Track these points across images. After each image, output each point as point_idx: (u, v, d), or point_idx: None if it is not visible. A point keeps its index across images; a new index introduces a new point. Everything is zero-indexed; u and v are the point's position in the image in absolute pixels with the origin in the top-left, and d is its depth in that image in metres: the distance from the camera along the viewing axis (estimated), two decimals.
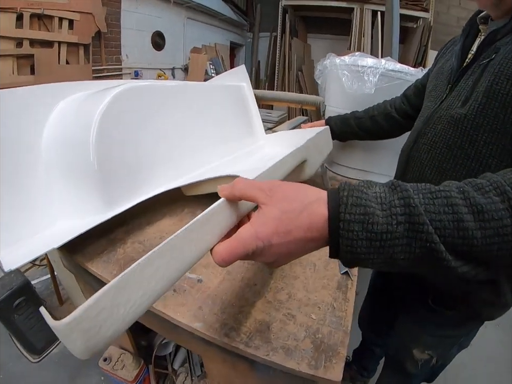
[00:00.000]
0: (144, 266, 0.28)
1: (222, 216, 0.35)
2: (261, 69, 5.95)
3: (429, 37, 4.10)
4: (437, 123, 0.61)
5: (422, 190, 0.30)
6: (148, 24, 3.61)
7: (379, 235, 0.28)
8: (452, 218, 0.28)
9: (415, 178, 0.65)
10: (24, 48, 2.23)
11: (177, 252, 0.31)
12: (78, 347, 0.24)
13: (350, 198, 0.30)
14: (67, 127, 0.69)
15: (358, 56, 1.04)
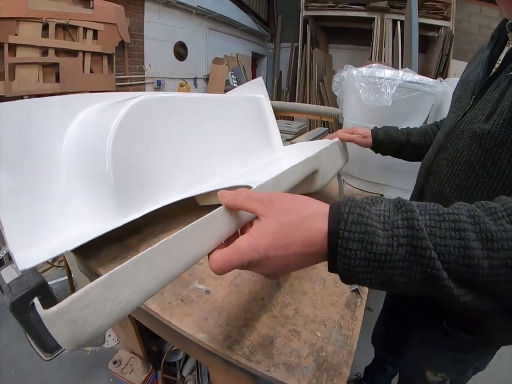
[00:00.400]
0: (136, 265, 0.28)
1: (220, 223, 0.35)
2: (283, 79, 5.99)
3: (450, 46, 4.02)
4: (459, 137, 0.57)
5: (430, 211, 0.28)
6: (170, 34, 3.71)
7: (378, 256, 0.27)
8: (458, 244, 0.26)
9: (434, 195, 0.62)
10: (49, 57, 2.32)
11: (171, 253, 0.31)
12: (63, 336, 0.25)
13: (351, 215, 0.29)
14: (85, 137, 0.72)
15: (375, 68, 1.03)
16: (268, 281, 0.64)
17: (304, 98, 5.13)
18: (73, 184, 0.72)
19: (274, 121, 1.17)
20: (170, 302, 0.58)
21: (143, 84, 3.42)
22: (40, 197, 0.67)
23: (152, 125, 0.75)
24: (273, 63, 6.10)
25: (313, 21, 5.03)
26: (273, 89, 5.97)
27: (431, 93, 0.95)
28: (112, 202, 0.69)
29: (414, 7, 2.92)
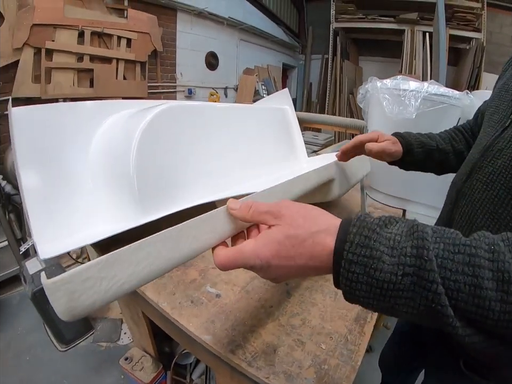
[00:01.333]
0: (136, 249, 0.30)
1: (224, 221, 0.37)
2: (313, 91, 5.99)
3: (482, 58, 3.88)
4: (497, 157, 0.49)
5: (445, 239, 0.26)
6: (202, 44, 3.82)
7: (381, 283, 0.26)
8: (470, 281, 0.24)
9: (464, 221, 0.55)
10: (84, 63, 2.44)
11: (171, 243, 0.32)
12: (61, 305, 0.27)
13: (358, 237, 0.27)
14: (112, 140, 0.76)
15: (400, 80, 1.01)
16: (278, 290, 0.64)
17: (333, 110, 5.10)
18: (99, 184, 0.75)
19: (299, 132, 1.18)
20: (180, 303, 0.59)
21: (175, 91, 3.53)
22: (67, 194, 0.71)
23: (176, 131, 0.78)
24: (303, 75, 6.13)
25: (344, 33, 5.02)
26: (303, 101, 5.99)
27: (457, 106, 0.93)
28: (134, 204, 0.72)
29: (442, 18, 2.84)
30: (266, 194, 0.44)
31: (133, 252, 0.29)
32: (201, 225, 0.35)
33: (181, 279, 0.65)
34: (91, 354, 1.55)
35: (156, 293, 0.61)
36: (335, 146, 1.71)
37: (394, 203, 1.13)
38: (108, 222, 0.74)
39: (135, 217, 0.71)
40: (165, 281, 0.64)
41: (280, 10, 5.40)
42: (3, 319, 1.69)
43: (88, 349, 1.58)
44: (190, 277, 0.66)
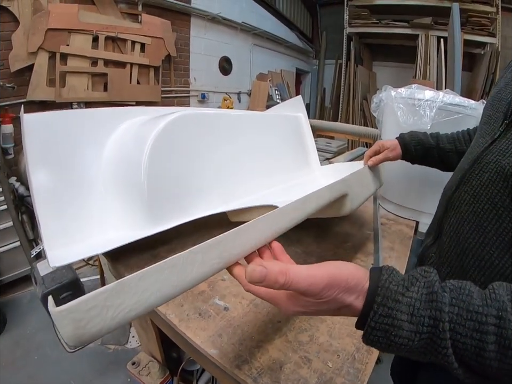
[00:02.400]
0: (143, 277, 0.30)
1: (232, 245, 0.36)
2: (326, 96, 5.96)
3: (497, 64, 3.79)
4: (484, 170, 0.49)
5: (460, 303, 0.29)
6: (215, 49, 3.85)
7: (398, 345, 0.30)
8: (476, 344, 0.27)
9: (452, 232, 0.55)
10: (98, 67, 2.47)
11: (177, 270, 0.32)
12: (67, 333, 0.27)
13: (381, 308, 0.30)
14: (125, 148, 0.76)
15: (414, 88, 1.00)
16: None
17: (347, 116, 5.07)
18: (111, 191, 0.76)
19: (312, 140, 1.17)
20: (188, 315, 0.59)
21: (188, 96, 3.56)
22: (78, 200, 0.72)
23: (189, 139, 0.78)
24: (317, 80, 6.11)
25: (357, 38, 5.00)
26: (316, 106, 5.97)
27: (473, 116, 0.90)
28: (144, 212, 0.72)
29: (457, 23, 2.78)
30: (278, 215, 0.43)
31: (139, 280, 0.30)
32: (208, 251, 0.35)
33: (189, 291, 0.64)
34: (99, 356, 1.57)
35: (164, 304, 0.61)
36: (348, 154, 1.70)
37: (407, 214, 1.11)
38: (119, 229, 0.74)
39: (145, 225, 0.72)
40: None
41: (294, 15, 5.41)
42: (13, 318, 1.72)
43: (96, 350, 1.60)
44: (199, 289, 0.66)
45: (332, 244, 0.87)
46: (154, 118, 0.80)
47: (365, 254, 0.85)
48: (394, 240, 0.95)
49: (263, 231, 0.40)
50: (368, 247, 0.89)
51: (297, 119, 1.15)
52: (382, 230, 1.00)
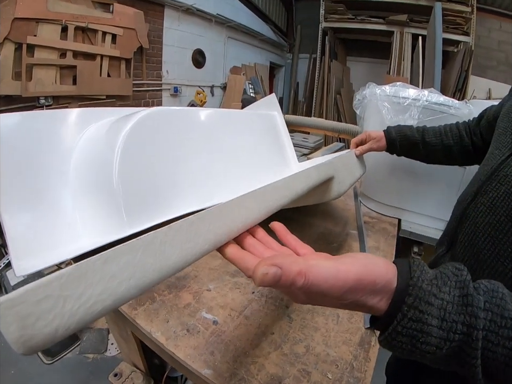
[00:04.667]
0: (109, 260, 0.24)
1: (218, 224, 0.31)
2: (300, 90, 5.98)
3: (470, 62, 3.96)
4: (502, 183, 0.49)
5: (494, 307, 0.26)
6: (189, 41, 3.74)
7: (423, 352, 0.26)
8: (507, 354, 0.25)
9: (466, 243, 0.55)
10: (67, 59, 2.33)
11: (152, 251, 0.26)
12: (12, 333, 0.20)
13: (412, 311, 0.26)
14: (94, 149, 0.72)
15: (399, 87, 0.99)
16: (278, 314, 0.60)
17: (320, 111, 5.11)
18: (81, 195, 0.71)
19: (288, 138, 1.15)
20: (175, 332, 0.55)
21: (160, 90, 3.45)
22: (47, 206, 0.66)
23: (161, 137, 0.74)
24: (290, 74, 6.12)
25: (332, 33, 5.04)
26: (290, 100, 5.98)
27: (456, 115, 0.91)
28: (118, 214, 0.67)
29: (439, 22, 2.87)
30: (266, 191, 0.39)
31: (105, 263, 0.23)
32: (192, 228, 0.29)
33: (174, 304, 0.61)
34: (78, 367, 1.50)
35: (148, 320, 0.57)
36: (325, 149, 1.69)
37: (390, 212, 1.12)
38: (92, 235, 0.69)
39: (120, 228, 0.67)
40: (156, 307, 0.60)
41: (269, 9, 5.36)
42: None
43: (74, 361, 1.52)
44: (184, 301, 0.62)
45: (317, 244, 0.85)
46: (123, 117, 0.75)
47: None
48: (379, 240, 0.95)
49: (252, 208, 0.35)
50: (353, 247, 0.89)
51: (272, 117, 1.14)
52: (366, 229, 1.00)
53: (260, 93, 4.59)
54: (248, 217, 0.35)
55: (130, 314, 0.58)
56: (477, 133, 0.77)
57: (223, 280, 0.69)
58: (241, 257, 0.31)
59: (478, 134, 0.77)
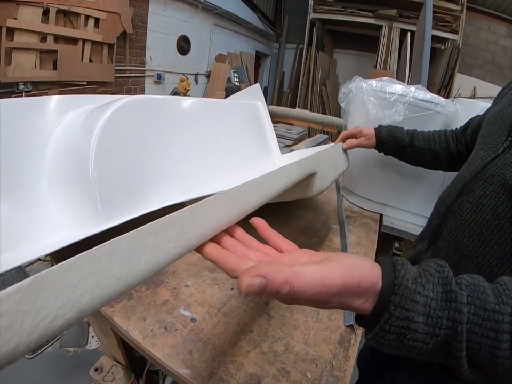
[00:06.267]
0: (71, 269, 0.22)
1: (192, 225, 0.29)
2: (285, 80, 5.94)
3: (457, 60, 4.02)
4: (488, 182, 0.51)
5: (477, 301, 0.27)
6: (174, 27, 3.64)
7: (410, 348, 0.27)
8: (491, 344, 0.26)
9: (451, 238, 0.56)
10: (48, 43, 2.24)
11: (120, 257, 0.24)
12: None
13: (398, 310, 0.27)
14: (71, 137, 0.69)
15: (386, 82, 0.99)
16: (258, 311, 0.60)
17: (305, 102, 5.09)
18: (57, 187, 0.68)
19: (272, 129, 1.13)
20: (153, 330, 0.54)
21: (143, 76, 3.36)
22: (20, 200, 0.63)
23: (140, 128, 0.71)
24: (276, 64, 6.05)
25: (320, 24, 4.99)
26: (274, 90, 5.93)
27: (442, 113, 0.92)
28: (95, 207, 0.65)
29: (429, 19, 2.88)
30: (244, 190, 0.37)
31: (66, 273, 0.21)
32: (162, 231, 0.27)
33: (151, 301, 0.59)
34: (59, 360, 1.47)
35: (125, 318, 0.55)
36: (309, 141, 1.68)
37: (371, 207, 1.13)
38: (69, 228, 0.66)
39: (96, 221, 0.65)
40: (134, 304, 0.58)
41: None
42: None
43: (55, 354, 1.49)
44: (162, 298, 0.60)
45: (299, 239, 0.85)
46: (101, 106, 0.72)
47: (333, 250, 0.84)
48: (361, 235, 0.95)
49: (229, 208, 0.33)
50: (334, 242, 0.89)
51: (255, 107, 1.12)
52: (348, 224, 1.01)
53: (244, 82, 4.53)
54: (224, 217, 0.33)
55: (107, 312, 0.56)
56: (462, 141, 0.79)
57: (201, 275, 0.67)
58: (225, 258, 0.30)
59: (463, 142, 0.79)
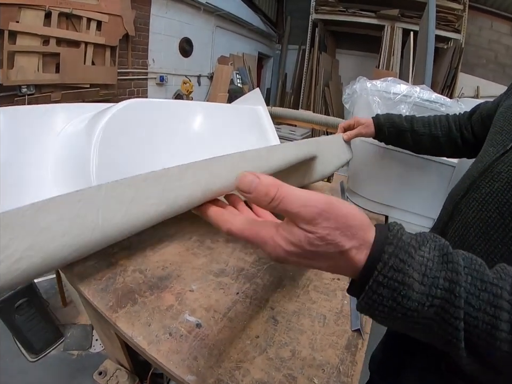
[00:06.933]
0: (42, 209, 0.20)
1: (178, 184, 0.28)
2: (288, 81, 5.93)
3: (459, 59, 4.00)
4: (495, 179, 0.50)
5: (474, 272, 0.26)
6: (176, 29, 3.65)
7: (404, 310, 0.25)
8: (489, 320, 0.24)
9: (457, 238, 0.56)
10: (50, 46, 2.25)
11: (97, 206, 0.22)
12: None
13: (393, 259, 0.25)
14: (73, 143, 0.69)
15: (390, 82, 0.98)
16: (263, 316, 0.59)
17: (308, 103, 5.08)
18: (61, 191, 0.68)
19: (274, 132, 1.14)
20: (157, 335, 0.53)
21: (146, 78, 3.37)
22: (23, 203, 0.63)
23: (141, 130, 0.72)
24: (279, 65, 6.06)
25: (323, 25, 4.99)
26: (277, 92, 5.92)
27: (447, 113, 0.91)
28: None
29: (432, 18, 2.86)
30: (237, 160, 0.36)
31: (37, 212, 0.20)
32: (143, 187, 0.25)
33: (155, 306, 0.59)
34: (63, 364, 1.46)
35: (129, 323, 0.55)
36: None
37: (377, 209, 1.12)
38: None
39: None
40: (138, 309, 0.58)
41: None
42: None
43: (59, 358, 1.49)
44: (166, 303, 0.60)
45: None
46: (103, 110, 0.72)
47: None
48: None
49: (220, 173, 0.31)
50: None
51: (257, 111, 1.13)
52: None
53: (247, 84, 4.54)
54: (215, 182, 0.31)
55: (111, 317, 0.56)
56: (468, 127, 0.78)
57: (206, 280, 0.67)
58: (220, 213, 0.30)
59: (469, 128, 0.77)
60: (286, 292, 0.65)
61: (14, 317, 1.31)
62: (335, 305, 0.63)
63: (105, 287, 0.61)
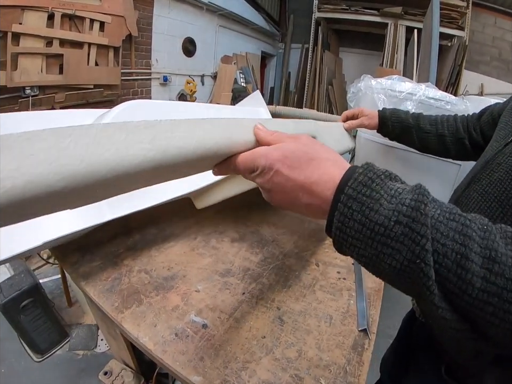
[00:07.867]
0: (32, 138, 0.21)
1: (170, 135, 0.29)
2: (291, 80, 5.91)
3: (463, 56, 3.96)
4: (495, 170, 0.50)
5: (443, 207, 0.26)
6: (179, 29, 3.65)
7: (373, 224, 0.26)
8: (458, 249, 0.24)
9: None
10: (53, 48, 2.24)
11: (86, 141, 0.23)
12: None
13: (362, 176, 0.28)
14: None
15: (395, 80, 0.97)
16: (270, 316, 0.59)
17: (312, 101, 5.06)
18: None
19: None
20: (163, 336, 0.53)
21: (149, 79, 3.37)
22: None
23: None
24: (282, 64, 6.04)
25: (325, 23, 4.97)
26: (281, 90, 5.91)
27: (452, 111, 0.90)
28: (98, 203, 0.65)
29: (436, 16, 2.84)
30: (236, 122, 0.38)
31: (27, 139, 0.20)
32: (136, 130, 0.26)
33: (161, 306, 0.59)
34: (68, 364, 1.47)
35: (135, 324, 0.55)
36: None
37: None
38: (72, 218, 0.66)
39: (100, 213, 0.65)
40: (144, 309, 0.58)
41: None
42: None
43: (64, 358, 1.49)
44: (172, 303, 0.60)
45: (309, 242, 0.84)
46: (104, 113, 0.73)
47: None
48: None
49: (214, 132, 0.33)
50: None
51: (258, 112, 1.15)
52: None
53: (250, 83, 4.53)
54: (209, 140, 0.33)
55: (116, 318, 0.56)
56: (477, 128, 0.77)
57: (212, 280, 0.66)
58: None
59: (478, 129, 0.77)
60: (292, 291, 0.65)
61: (19, 317, 1.32)
62: (341, 305, 0.62)
63: (110, 287, 0.61)
